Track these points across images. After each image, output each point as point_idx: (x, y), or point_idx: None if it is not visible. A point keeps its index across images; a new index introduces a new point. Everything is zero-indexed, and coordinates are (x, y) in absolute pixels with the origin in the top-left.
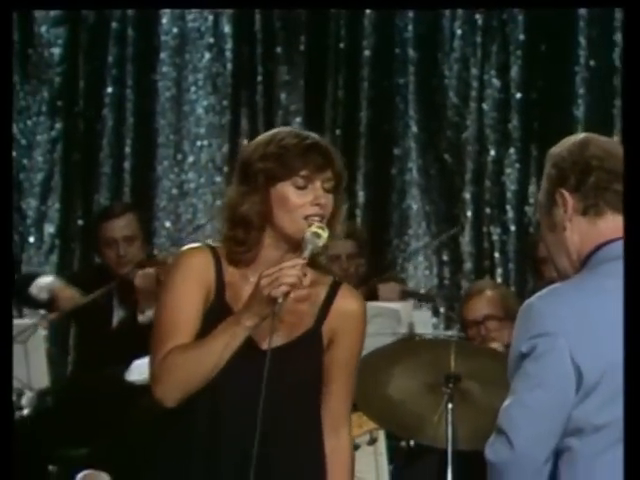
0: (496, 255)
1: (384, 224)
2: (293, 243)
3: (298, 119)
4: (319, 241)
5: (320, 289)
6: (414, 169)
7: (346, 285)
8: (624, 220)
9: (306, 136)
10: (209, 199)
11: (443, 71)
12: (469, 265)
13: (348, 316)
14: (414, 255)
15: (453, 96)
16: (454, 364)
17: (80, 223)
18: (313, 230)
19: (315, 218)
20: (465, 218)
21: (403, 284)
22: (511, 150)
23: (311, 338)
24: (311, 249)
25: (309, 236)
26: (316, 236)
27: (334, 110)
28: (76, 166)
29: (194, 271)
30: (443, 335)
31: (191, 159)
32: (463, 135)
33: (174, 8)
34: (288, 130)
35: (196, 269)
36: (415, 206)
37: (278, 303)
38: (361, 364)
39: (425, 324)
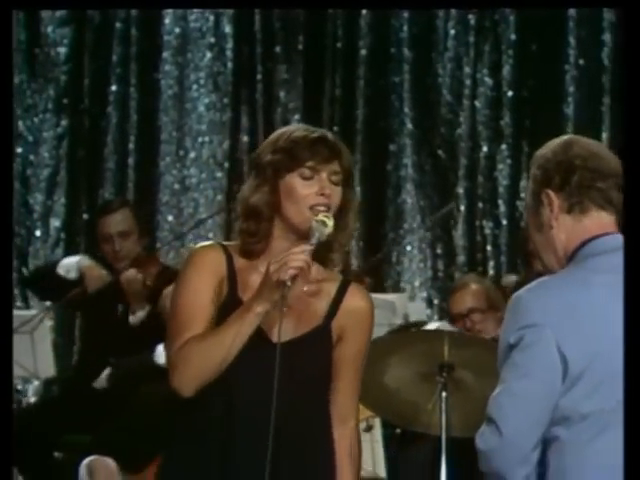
0: (488, 248)
1: (380, 218)
2: (300, 234)
3: (296, 116)
4: (325, 229)
5: (330, 286)
6: (409, 165)
7: (355, 284)
8: (624, 219)
9: (314, 130)
10: (210, 194)
11: (437, 70)
12: (462, 258)
13: (357, 314)
14: (410, 235)
15: (447, 94)
16: (448, 354)
17: (85, 217)
18: (319, 218)
19: (320, 208)
20: (458, 212)
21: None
22: (503, 146)
23: (321, 333)
24: (317, 237)
25: (315, 224)
26: (322, 224)
27: (331, 108)
28: (81, 162)
29: (207, 266)
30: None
31: (193, 155)
32: (456, 132)
33: (176, 8)
34: (298, 126)
35: (208, 264)
36: (410, 201)
37: (286, 287)
38: None
39: (419, 315)
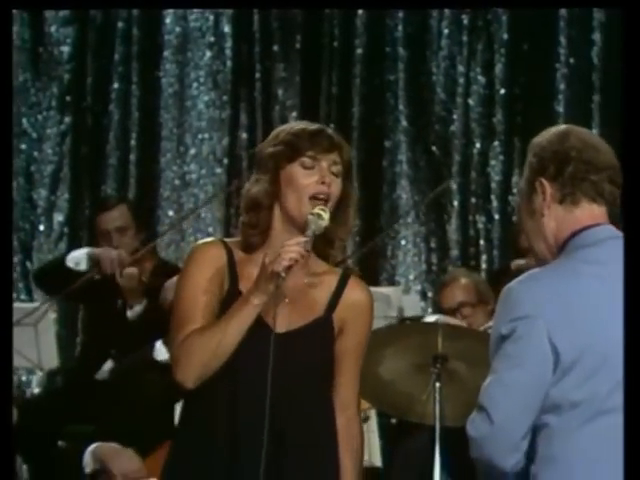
0: (481, 242)
1: (375, 213)
2: (300, 225)
3: (294, 114)
4: (321, 222)
5: (331, 279)
6: (404, 161)
7: (355, 277)
8: (624, 219)
9: (313, 124)
10: (210, 189)
11: (431, 68)
12: (455, 252)
13: (357, 306)
14: (404, 216)
15: (440, 92)
16: (441, 345)
17: (88, 212)
18: (315, 211)
19: (321, 196)
20: (452, 207)
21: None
22: (495, 143)
23: (322, 324)
24: (313, 229)
25: (311, 217)
26: (318, 217)
27: (328, 105)
28: (84, 158)
29: (207, 261)
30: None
31: (193, 151)
32: (450, 129)
33: (177, 8)
34: (298, 122)
35: (209, 260)
36: (405, 196)
37: (281, 278)
38: None
39: (413, 308)
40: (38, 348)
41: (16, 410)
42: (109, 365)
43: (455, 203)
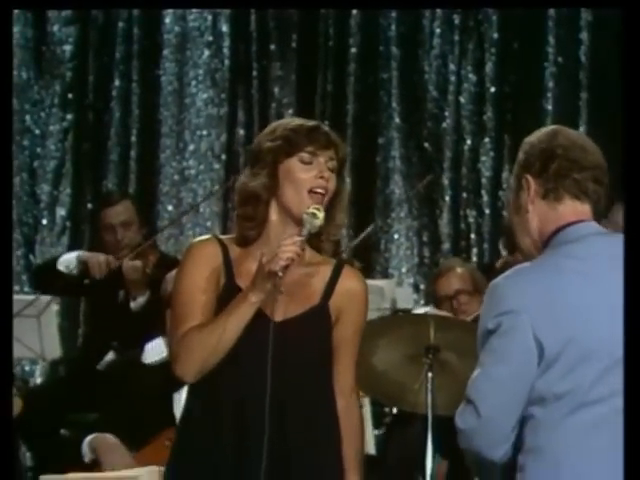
0: (472, 236)
1: (369, 207)
2: (296, 219)
3: (290, 111)
4: (316, 221)
5: (325, 268)
6: (397, 157)
7: (349, 266)
8: (624, 219)
9: (309, 120)
10: (208, 185)
11: (423, 67)
12: (447, 245)
13: (352, 294)
14: (399, 206)
15: (433, 90)
16: (433, 337)
17: (89, 207)
18: (310, 211)
19: (319, 190)
20: (443, 202)
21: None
22: (486, 139)
23: (319, 312)
24: (308, 228)
25: (306, 216)
26: (313, 216)
27: (323, 103)
28: (86, 154)
29: (203, 259)
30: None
31: (192, 148)
32: (442, 126)
33: (176, 8)
34: (293, 118)
35: (205, 257)
36: (398, 191)
37: (278, 277)
38: None
39: (406, 300)
40: (41, 339)
41: (19, 399)
42: (110, 356)
43: (447, 198)
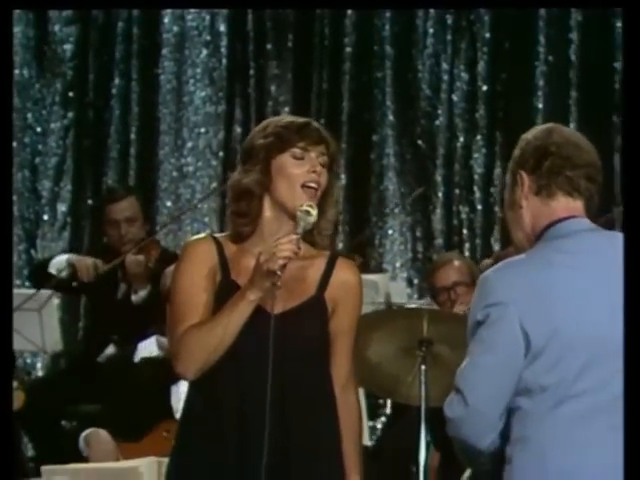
0: (464, 232)
1: (364, 204)
2: (289, 213)
3: (286, 109)
4: (310, 218)
5: (320, 261)
6: (391, 154)
7: (342, 258)
8: (624, 219)
9: (300, 117)
10: (206, 181)
11: (417, 66)
12: (440, 241)
13: (347, 286)
14: (392, 212)
15: (426, 88)
16: (426, 330)
17: (90, 203)
18: (304, 209)
19: (311, 184)
20: (436, 198)
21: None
22: (478, 137)
23: (315, 303)
24: (303, 226)
25: (300, 214)
26: (307, 213)
27: (319, 101)
28: (86, 151)
29: (199, 257)
30: (417, 304)
31: (190, 145)
32: (435, 123)
33: (175, 9)
34: (284, 115)
35: (200, 255)
36: (392, 187)
37: (277, 275)
38: None
39: (400, 294)
40: (42, 332)
41: (22, 393)
42: (111, 349)
43: (439, 194)
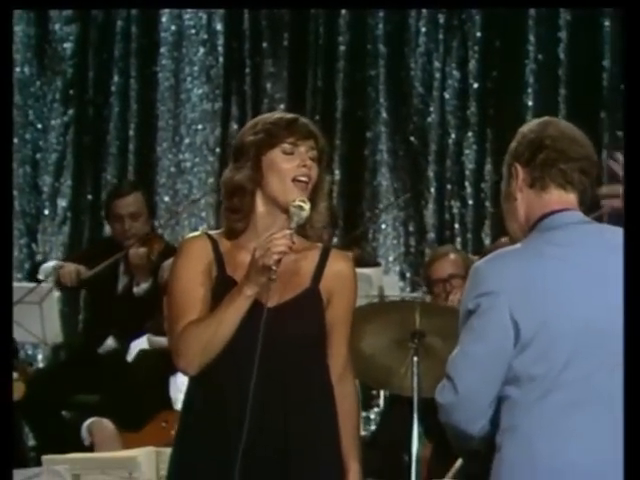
0: (456, 226)
1: (358, 199)
2: (282, 207)
3: (282, 106)
4: (303, 213)
5: (314, 253)
6: (384, 150)
7: (335, 249)
8: (624, 219)
9: (288, 113)
10: (203, 176)
11: (409, 64)
12: (432, 235)
13: (341, 276)
14: (387, 209)
15: (418, 86)
16: (419, 322)
17: (89, 198)
18: (296, 203)
19: (302, 178)
20: (429, 193)
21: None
22: (469, 134)
23: (311, 295)
24: (296, 220)
25: (293, 209)
26: (299, 208)
27: (314, 98)
28: (86, 147)
29: (194, 255)
30: (409, 297)
31: (187, 141)
32: (427, 120)
33: (172, 8)
34: (273, 112)
35: (196, 252)
36: (385, 183)
37: (272, 270)
38: None
39: (393, 287)
40: (43, 324)
41: (22, 384)
42: (110, 341)
43: (432, 189)
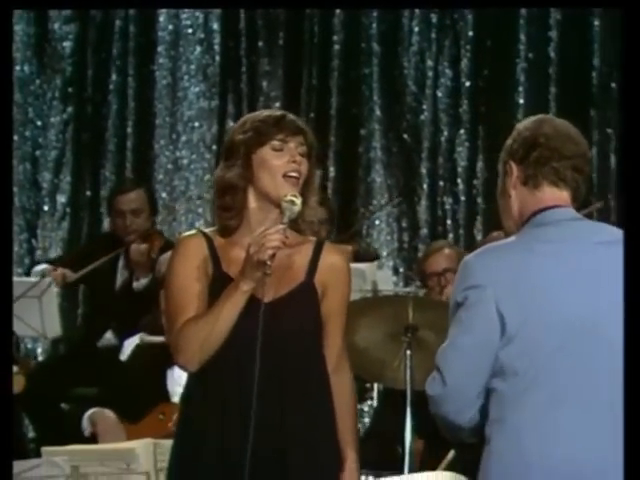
0: (448, 222)
1: (352, 195)
2: (274, 203)
3: (277, 104)
4: (295, 207)
5: (307, 247)
6: (378, 147)
7: (329, 243)
8: (624, 219)
9: (276, 111)
10: (200, 173)
11: (403, 63)
12: (425, 231)
13: (335, 269)
14: (380, 210)
15: (411, 84)
16: (412, 316)
17: (88, 194)
18: (288, 199)
19: (292, 173)
20: (422, 190)
21: (355, 246)
22: (461, 131)
23: (306, 288)
24: (288, 215)
25: (285, 204)
26: (291, 203)
27: (309, 96)
28: (85, 144)
29: (190, 253)
30: (402, 291)
31: (184, 138)
32: (420, 118)
33: (170, 8)
34: (261, 111)
35: (192, 251)
36: (378, 179)
37: (267, 265)
38: None
39: (386, 282)
40: (42, 318)
41: (22, 377)
42: (109, 335)
43: (424, 186)
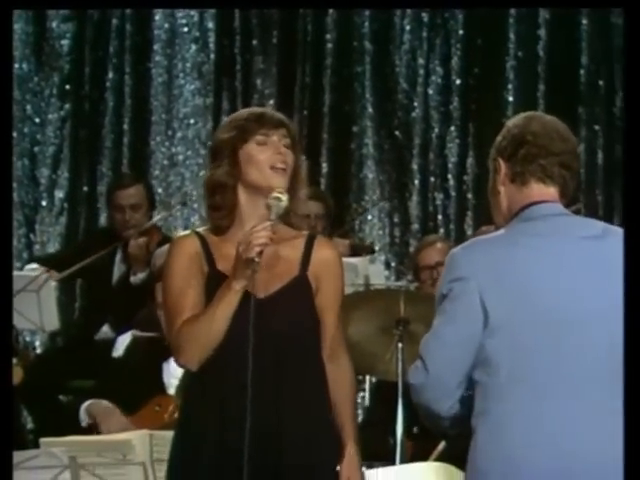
0: (439, 217)
1: (344, 191)
2: (265, 194)
3: (271, 101)
4: (281, 204)
5: (299, 242)
6: (370, 144)
7: (321, 237)
8: (624, 219)
9: (257, 108)
10: (195, 169)
11: (394, 61)
12: (416, 226)
13: (327, 262)
14: (372, 208)
15: (403, 82)
16: (403, 310)
17: (85, 190)
18: (274, 195)
19: (279, 165)
20: (413, 186)
21: (351, 240)
22: (452, 128)
23: (300, 282)
24: (275, 212)
25: (271, 201)
26: (277, 200)
27: (302, 94)
28: (82, 141)
29: (185, 254)
30: (394, 285)
31: (180, 135)
32: (411, 115)
33: (165, 7)
34: (243, 110)
35: (187, 252)
36: (371, 176)
37: (255, 262)
38: None
39: (378, 276)
40: (40, 312)
41: (20, 369)
42: (105, 328)
43: (416, 182)
